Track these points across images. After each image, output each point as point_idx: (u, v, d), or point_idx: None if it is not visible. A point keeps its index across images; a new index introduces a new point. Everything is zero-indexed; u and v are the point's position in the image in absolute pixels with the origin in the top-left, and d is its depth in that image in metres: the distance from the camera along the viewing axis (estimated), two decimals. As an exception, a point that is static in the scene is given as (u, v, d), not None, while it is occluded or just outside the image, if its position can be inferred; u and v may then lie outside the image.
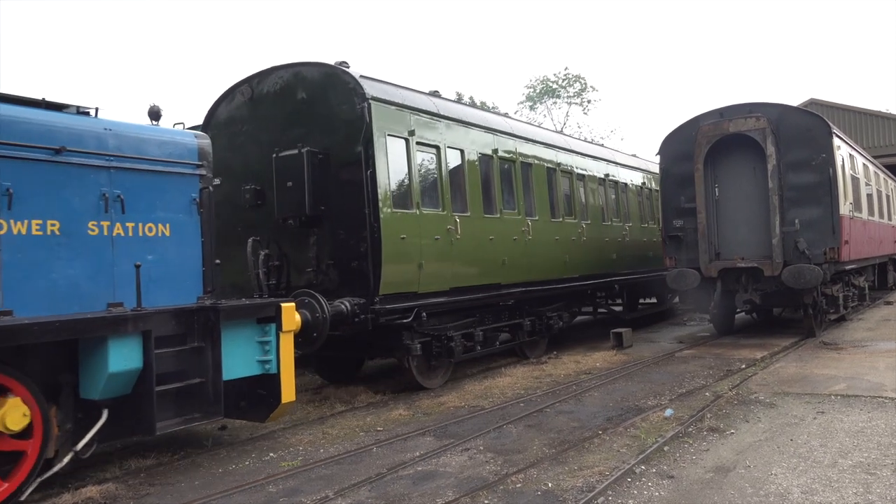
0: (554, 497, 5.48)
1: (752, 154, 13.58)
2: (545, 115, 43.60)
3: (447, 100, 11.40)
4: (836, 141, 13.89)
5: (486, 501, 5.49)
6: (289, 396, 7.22)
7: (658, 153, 14.98)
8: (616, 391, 9.59)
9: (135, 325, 6.02)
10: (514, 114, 39.28)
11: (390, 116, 9.45)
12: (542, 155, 13.25)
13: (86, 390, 6.05)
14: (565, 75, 43.43)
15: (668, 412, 8.01)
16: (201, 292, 7.20)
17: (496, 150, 11.74)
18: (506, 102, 69.39)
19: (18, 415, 5.47)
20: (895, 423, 7.23)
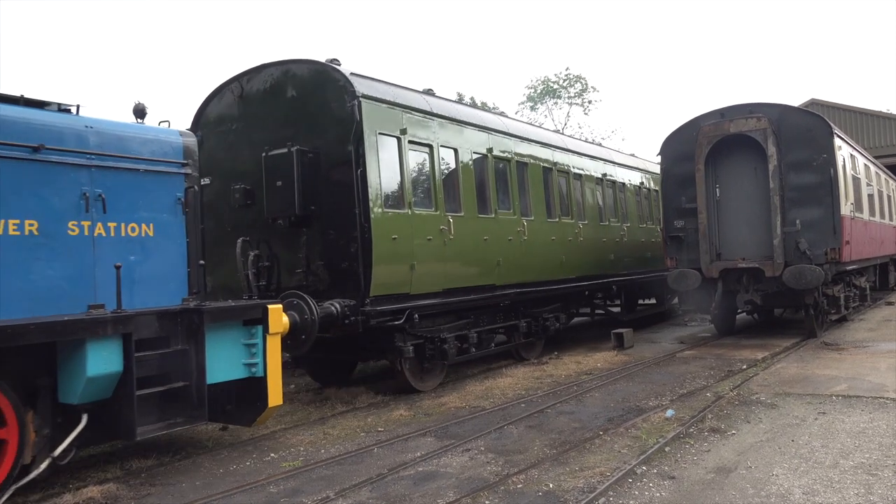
0: (555, 498, 5.49)
1: (753, 154, 13.58)
2: (546, 116, 43.52)
3: (441, 98, 11.22)
4: (837, 141, 13.87)
5: (487, 502, 5.49)
6: (276, 400, 7.06)
7: (659, 153, 15.02)
8: (617, 392, 9.58)
9: (114, 327, 5.87)
10: (515, 114, 39.30)
11: (381, 115, 9.30)
12: (539, 154, 13.09)
13: (64, 394, 5.90)
14: (566, 75, 43.30)
15: (670, 413, 7.99)
16: (186, 294, 7.07)
17: (491, 149, 11.58)
18: (507, 103, 69.65)
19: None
20: (897, 424, 7.18)
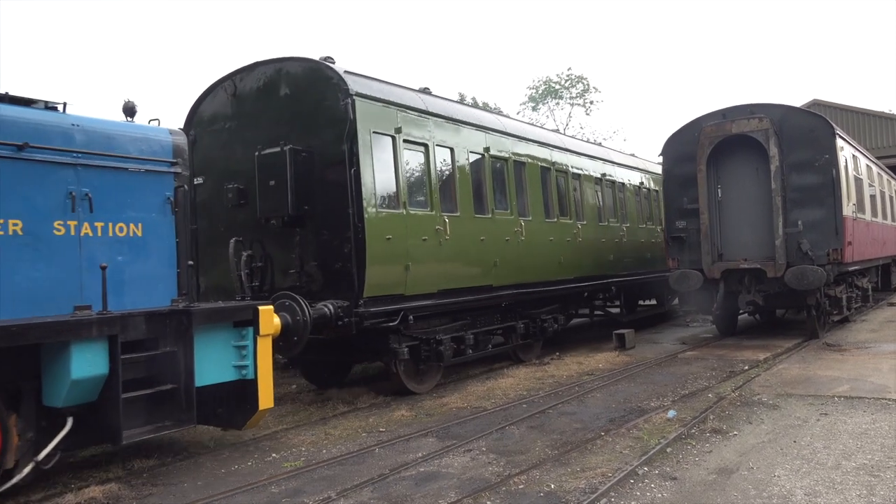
0: (556, 498, 5.48)
1: (754, 155, 13.57)
2: (548, 116, 43.42)
3: (437, 97, 11.10)
4: (839, 142, 13.85)
5: (489, 503, 5.49)
6: (266, 403, 6.95)
7: (661, 154, 15.04)
8: (619, 392, 9.56)
9: (99, 329, 5.76)
10: (517, 114, 39.21)
11: (376, 113, 9.18)
12: (537, 154, 12.97)
13: (49, 398, 5.80)
14: (568, 76, 43.18)
15: (671, 413, 7.98)
16: (176, 294, 6.95)
17: (488, 148, 11.46)
18: (509, 103, 69.32)
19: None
20: (900, 425, 7.16)
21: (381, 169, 9.12)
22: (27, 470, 5.66)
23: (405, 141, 9.65)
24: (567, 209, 13.84)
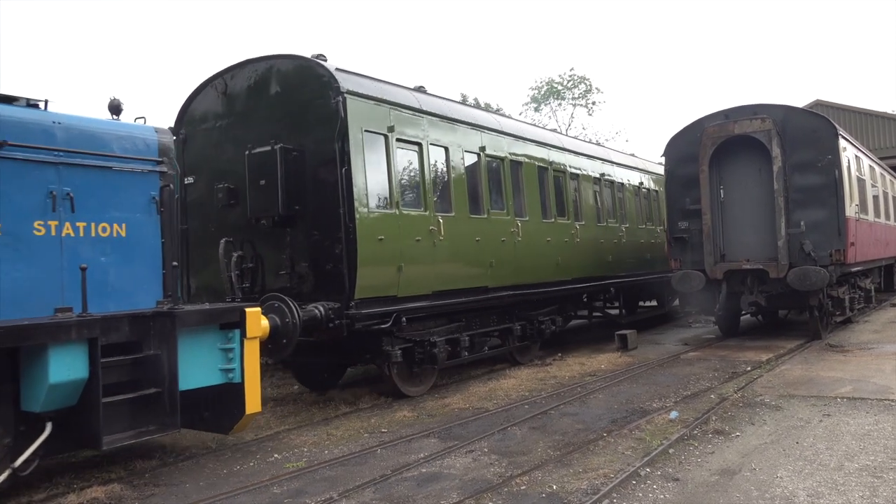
0: (558, 499, 5.48)
1: (757, 156, 13.51)
2: (550, 117, 43.26)
3: (432, 95, 10.94)
4: (842, 142, 13.78)
5: (491, 503, 5.48)
6: (254, 407, 6.80)
7: (663, 155, 14.98)
8: (621, 393, 9.53)
9: (78, 331, 5.60)
10: (519, 115, 39.05)
11: (368, 111, 9.02)
12: (534, 153, 12.81)
13: (27, 402, 5.65)
14: (570, 76, 43.03)
15: (673, 414, 7.95)
16: (161, 296, 6.78)
17: (484, 147, 11.30)
18: (511, 104, 68.80)
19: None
20: (903, 426, 7.11)
21: (373, 168, 8.96)
22: (3, 476, 5.49)
23: (398, 140, 9.49)
24: (565, 209, 13.67)
